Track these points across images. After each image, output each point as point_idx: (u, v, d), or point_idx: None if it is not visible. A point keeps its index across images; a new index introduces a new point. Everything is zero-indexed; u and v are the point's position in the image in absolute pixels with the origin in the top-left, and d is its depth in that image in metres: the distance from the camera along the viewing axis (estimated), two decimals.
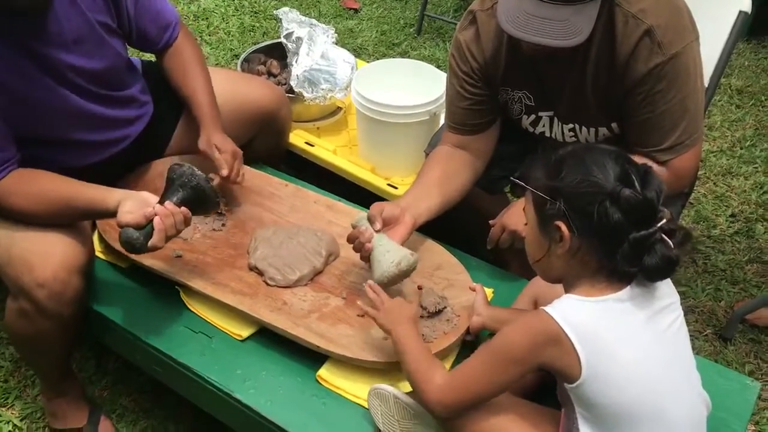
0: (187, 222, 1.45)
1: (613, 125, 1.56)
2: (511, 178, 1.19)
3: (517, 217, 1.57)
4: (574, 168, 1.09)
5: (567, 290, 1.16)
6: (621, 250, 1.06)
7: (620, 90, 1.46)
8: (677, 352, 1.15)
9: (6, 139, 1.44)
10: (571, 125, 1.59)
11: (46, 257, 1.39)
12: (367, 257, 1.48)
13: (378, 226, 1.49)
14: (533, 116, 1.63)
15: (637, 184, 1.06)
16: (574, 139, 1.62)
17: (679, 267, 1.09)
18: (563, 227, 1.09)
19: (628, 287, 1.10)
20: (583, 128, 1.58)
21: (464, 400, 1.16)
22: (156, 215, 1.39)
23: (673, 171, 1.49)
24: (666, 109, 1.44)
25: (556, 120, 1.61)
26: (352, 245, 1.52)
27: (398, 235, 1.51)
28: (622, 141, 1.56)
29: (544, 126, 1.64)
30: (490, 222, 1.62)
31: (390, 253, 1.44)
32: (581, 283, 1.12)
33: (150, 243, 1.38)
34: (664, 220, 1.07)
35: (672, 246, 1.07)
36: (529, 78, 1.56)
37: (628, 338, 1.08)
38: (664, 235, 1.07)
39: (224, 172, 1.63)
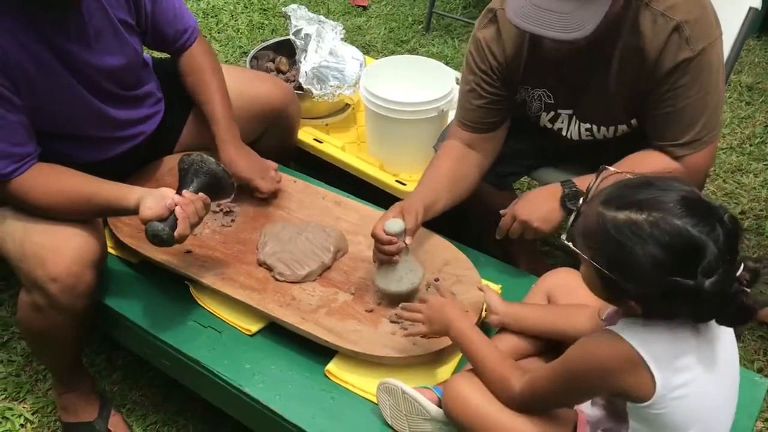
0: (207, 207, 1.47)
1: (633, 121, 1.56)
2: (564, 240, 1.10)
3: (529, 207, 1.56)
4: (643, 258, 0.96)
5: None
6: (699, 313, 1.01)
7: (647, 86, 1.46)
8: (730, 362, 1.13)
9: (27, 134, 1.45)
10: (587, 125, 1.60)
11: (60, 252, 1.40)
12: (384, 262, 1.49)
13: (409, 240, 1.49)
14: (552, 113, 1.63)
15: (715, 250, 0.94)
16: (590, 138, 1.62)
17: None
18: (635, 306, 1.02)
19: None
20: (602, 128, 1.59)
21: (538, 411, 1.18)
22: (176, 205, 1.41)
23: (687, 167, 1.49)
24: (687, 104, 1.44)
25: (574, 118, 1.61)
26: (379, 249, 1.48)
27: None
28: (640, 134, 1.55)
29: (562, 123, 1.64)
30: (501, 212, 1.61)
31: (413, 272, 1.49)
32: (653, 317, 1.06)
33: (176, 233, 1.40)
34: (741, 269, 0.98)
35: (749, 293, 0.99)
36: (550, 76, 1.56)
37: (696, 361, 1.04)
38: (741, 286, 0.99)
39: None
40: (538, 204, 1.56)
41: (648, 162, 1.50)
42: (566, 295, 1.40)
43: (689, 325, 1.04)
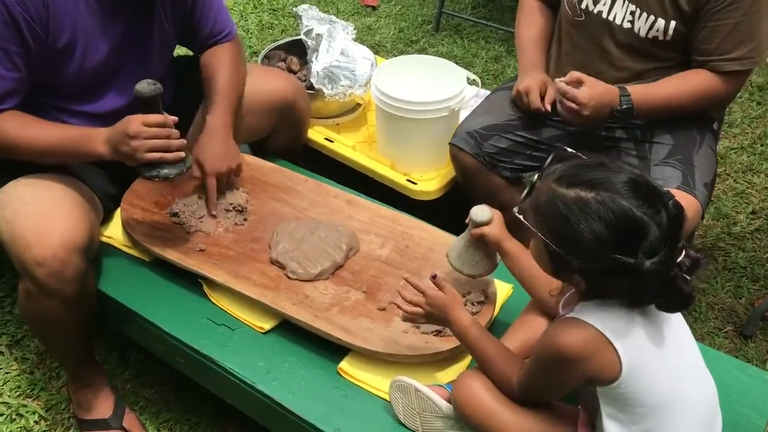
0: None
1: (672, 23, 1.60)
2: (516, 213, 1.14)
3: (592, 97, 1.59)
4: (587, 234, 1.01)
5: (584, 297, 1.13)
6: (639, 293, 1.04)
7: None
8: (682, 335, 1.16)
9: (17, 90, 1.49)
10: (633, 7, 1.63)
11: (46, 236, 1.42)
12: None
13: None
14: None
15: (659, 233, 0.99)
16: (629, 26, 1.65)
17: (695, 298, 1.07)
18: (579, 280, 1.06)
19: None
20: (643, 14, 1.63)
21: (537, 403, 1.20)
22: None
23: (728, 85, 1.60)
24: (745, 20, 1.53)
25: None
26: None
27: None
28: (667, 48, 1.64)
29: (604, 4, 1.68)
30: (561, 81, 1.63)
31: (490, 259, 1.47)
32: (601, 297, 1.10)
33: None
34: (683, 255, 1.03)
35: (689, 281, 1.04)
36: None
37: (650, 332, 1.09)
38: (681, 272, 1.03)
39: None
40: (600, 99, 1.60)
41: (691, 77, 1.61)
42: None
43: (638, 308, 1.08)
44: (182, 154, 1.49)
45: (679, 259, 1.03)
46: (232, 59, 1.79)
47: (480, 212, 1.43)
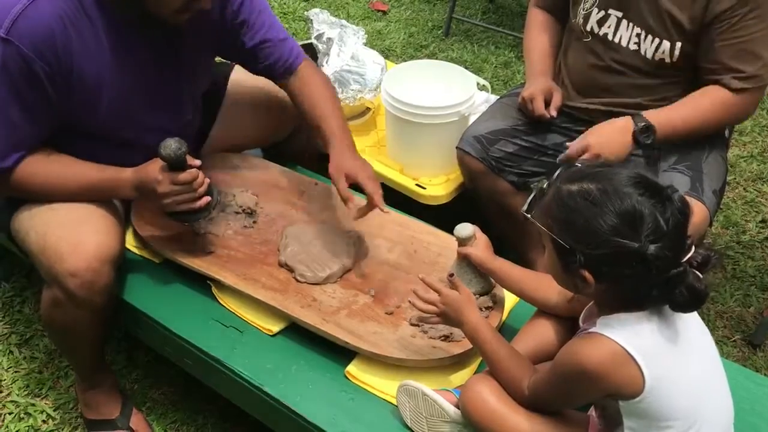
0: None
1: (678, 45, 1.58)
2: (523, 212, 1.16)
3: (601, 140, 1.57)
4: (590, 220, 1.03)
5: (600, 307, 1.14)
6: (650, 291, 1.04)
7: (707, 14, 1.52)
8: (706, 349, 1.16)
9: (37, 134, 1.46)
10: (639, 29, 1.62)
11: (80, 247, 1.42)
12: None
13: (555, 112, 1.74)
14: (603, 13, 1.66)
15: (663, 223, 1.00)
16: (636, 47, 1.64)
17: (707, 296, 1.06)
18: (588, 275, 1.06)
19: None
20: (648, 37, 1.61)
21: (547, 411, 1.20)
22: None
23: (744, 102, 1.57)
24: (756, 37, 1.50)
25: (624, 22, 1.64)
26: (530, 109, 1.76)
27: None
28: (674, 70, 1.61)
29: (609, 27, 1.66)
30: (568, 144, 1.62)
31: (484, 278, 1.50)
32: (613, 304, 1.10)
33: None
34: (692, 252, 1.04)
35: (701, 278, 1.04)
36: None
37: (672, 346, 1.08)
38: (692, 268, 1.04)
39: (350, 206, 1.57)
40: (611, 137, 1.58)
41: (706, 96, 1.57)
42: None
43: (656, 316, 1.08)
44: (209, 198, 1.50)
45: (689, 255, 1.03)
46: (323, 84, 1.75)
47: (461, 228, 1.46)
